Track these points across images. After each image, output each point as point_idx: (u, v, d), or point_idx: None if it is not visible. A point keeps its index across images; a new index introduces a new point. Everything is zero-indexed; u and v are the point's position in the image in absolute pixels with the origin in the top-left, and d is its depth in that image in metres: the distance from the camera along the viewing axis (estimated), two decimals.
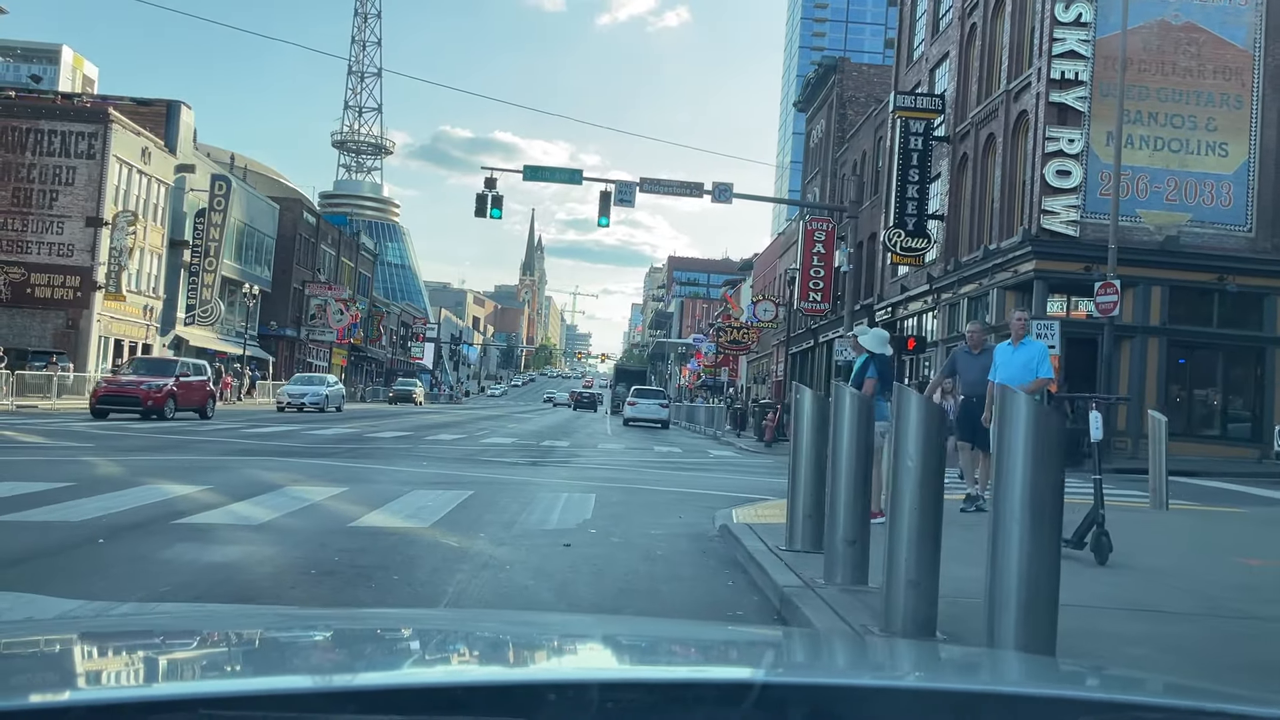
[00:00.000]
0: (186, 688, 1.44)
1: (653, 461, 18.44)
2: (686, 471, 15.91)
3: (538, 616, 3.96)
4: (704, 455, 21.57)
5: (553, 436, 27.28)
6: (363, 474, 12.84)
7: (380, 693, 1.37)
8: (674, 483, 13.62)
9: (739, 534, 8.05)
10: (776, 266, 61.11)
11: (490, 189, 29.50)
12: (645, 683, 1.46)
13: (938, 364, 30.30)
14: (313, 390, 38.71)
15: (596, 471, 15.13)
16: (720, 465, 18.20)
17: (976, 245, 28.46)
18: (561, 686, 1.38)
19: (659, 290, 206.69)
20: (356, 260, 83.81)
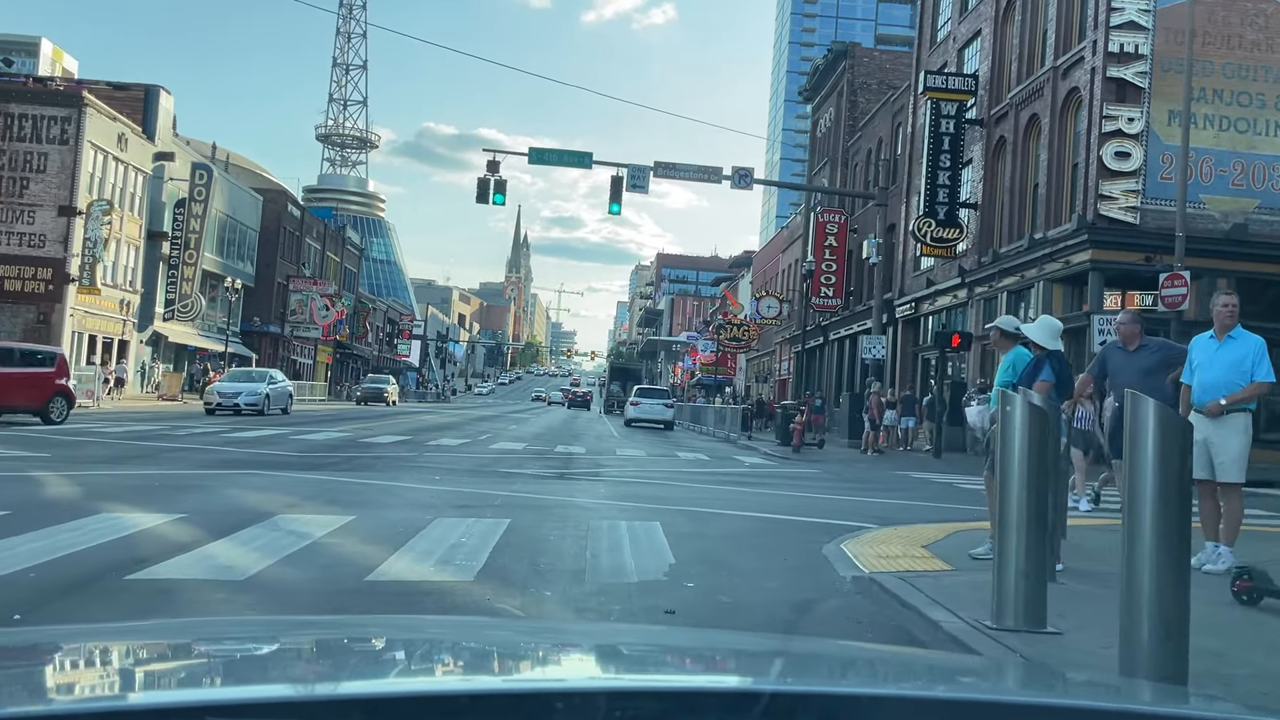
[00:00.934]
0: (195, 695, 1.45)
1: (688, 472, 16.36)
2: (736, 486, 13.83)
3: (549, 624, 3.86)
4: (737, 464, 19.49)
5: (562, 440, 25.16)
6: (368, 494, 10.71)
7: (384, 700, 1.36)
8: (735, 503, 11.55)
9: (899, 593, 5.97)
10: (779, 261, 59.10)
11: (493, 173, 27.37)
12: (654, 691, 1.47)
13: (973, 363, 28.32)
14: (249, 389, 31.06)
15: (637, 487, 13.05)
16: (765, 478, 16.13)
17: (1018, 235, 26.47)
18: (569, 695, 1.37)
19: (647, 288, 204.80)
20: (342, 255, 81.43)
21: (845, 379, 41.59)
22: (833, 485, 14.57)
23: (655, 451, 22.13)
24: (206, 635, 2.05)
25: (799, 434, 24.49)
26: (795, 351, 51.11)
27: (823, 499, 12.42)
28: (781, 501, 11.97)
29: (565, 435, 28.63)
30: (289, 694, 1.42)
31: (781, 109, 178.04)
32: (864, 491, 13.66)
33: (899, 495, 13.20)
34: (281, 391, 33.12)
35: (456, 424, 32.90)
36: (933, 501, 12.49)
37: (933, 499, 12.87)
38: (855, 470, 18.68)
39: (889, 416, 26.13)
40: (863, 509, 11.26)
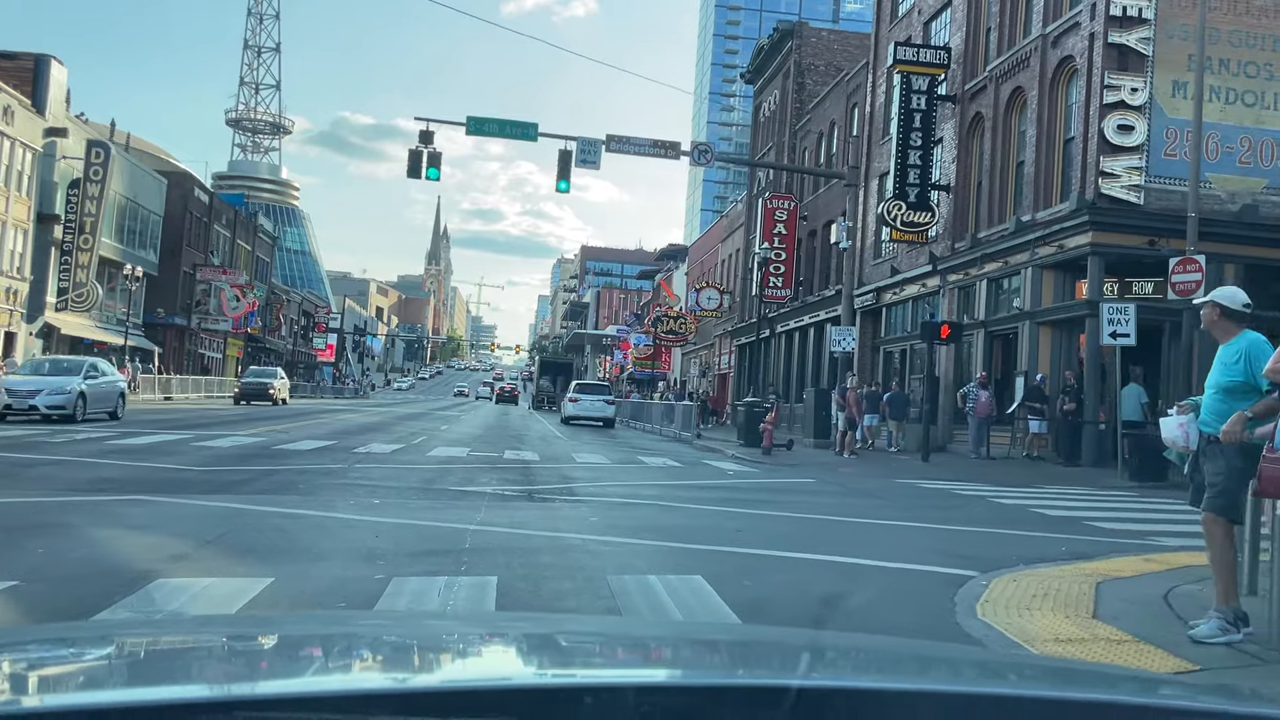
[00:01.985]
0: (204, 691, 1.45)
1: (671, 486, 13.87)
2: (744, 508, 11.34)
3: (575, 621, 3.70)
4: (715, 472, 17.06)
5: (508, 444, 22.48)
6: (291, 532, 8.03)
7: (417, 695, 1.36)
8: (768, 536, 9.10)
9: None
10: (719, 252, 56.96)
11: (426, 145, 24.51)
12: (682, 687, 1.48)
13: (945, 356, 26.32)
14: (52, 385, 22.49)
15: (628, 511, 10.55)
16: (766, 493, 13.70)
17: (999, 218, 24.52)
18: (597, 690, 1.37)
19: (571, 280, 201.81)
20: (254, 244, 77.14)
21: (796, 373, 39.52)
22: (856, 504, 12.22)
23: (615, 456, 19.61)
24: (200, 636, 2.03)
25: (769, 435, 22.17)
26: (738, 345, 48.99)
27: (867, 526, 10.05)
28: (822, 532, 9.54)
29: (507, 437, 25.93)
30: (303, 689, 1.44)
31: (706, 101, 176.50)
32: (902, 513, 11.33)
33: (949, 518, 10.89)
34: (106, 389, 24.29)
35: (383, 424, 29.95)
36: (998, 527, 10.20)
37: (993, 522, 10.59)
38: (854, 479, 16.39)
39: (842, 418, 23.88)
40: (934, 542, 8.93)
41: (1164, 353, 20.52)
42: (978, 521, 10.55)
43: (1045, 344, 22.21)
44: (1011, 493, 14.53)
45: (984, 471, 18.94)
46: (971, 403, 21.75)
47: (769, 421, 22.25)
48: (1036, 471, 19.36)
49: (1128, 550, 8.82)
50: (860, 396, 22.36)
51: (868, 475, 17.75)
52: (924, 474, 18.25)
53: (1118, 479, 18.03)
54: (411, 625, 2.50)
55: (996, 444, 23.55)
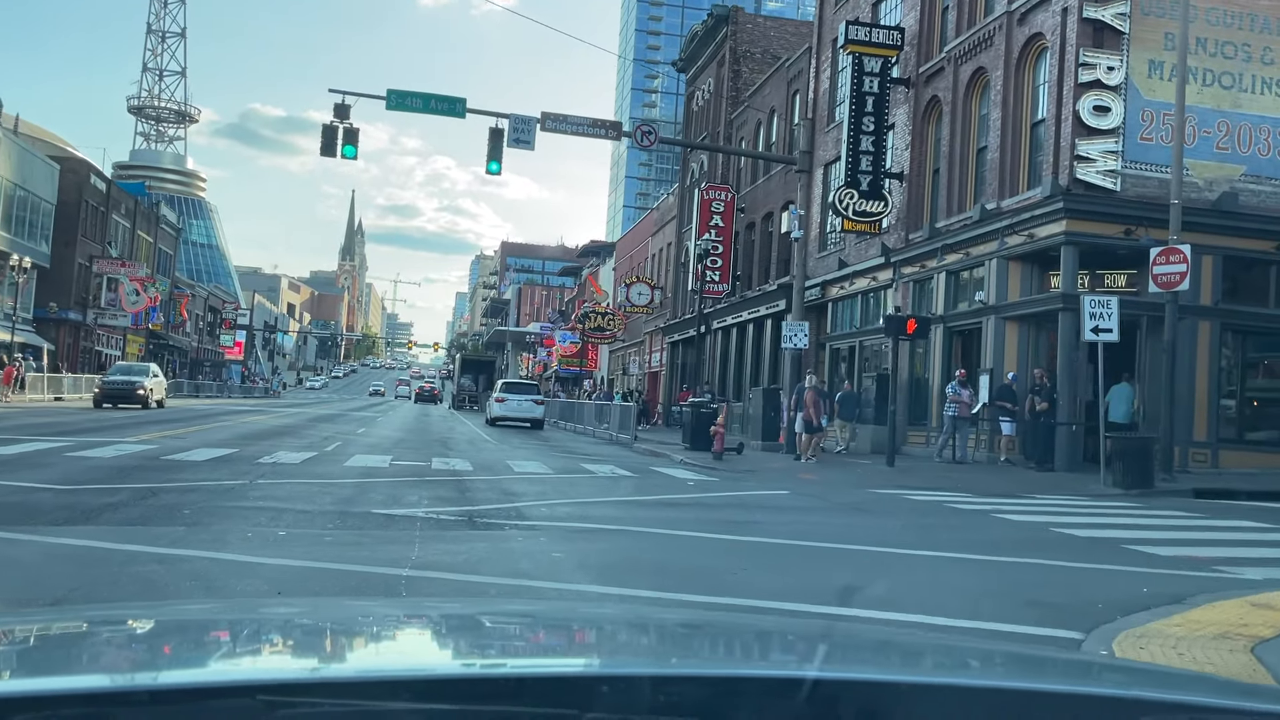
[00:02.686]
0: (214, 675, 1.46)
1: (631, 500, 12.01)
2: (735, 534, 9.43)
3: (591, 609, 3.77)
4: (673, 482, 15.21)
5: (434, 450, 20.38)
6: (160, 588, 5.96)
7: (439, 682, 1.37)
8: (773, 576, 7.27)
9: None
10: (648, 246, 55.22)
11: (342, 119, 22.24)
12: (699, 678, 1.48)
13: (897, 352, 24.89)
14: None
15: (598, 542, 8.65)
16: (739, 508, 11.89)
17: (958, 207, 23.15)
18: (613, 679, 1.40)
19: (491, 277, 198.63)
20: (156, 235, 73.18)
21: (734, 372, 37.94)
22: (854, 524, 10.49)
23: (556, 464, 17.65)
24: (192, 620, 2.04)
25: (721, 439, 20.43)
26: (670, 342, 47.31)
27: (890, 558, 8.29)
28: (842, 569, 7.73)
29: (432, 442, 23.77)
30: None
31: (629, 97, 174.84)
32: (914, 536, 9.62)
33: (972, 543, 9.18)
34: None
35: (293, 427, 27.52)
36: (1037, 555, 8.53)
37: (1026, 548, 8.92)
38: (829, 490, 14.71)
39: (800, 419, 22.22)
40: (986, 582, 7.23)
41: (1140, 351, 19.30)
42: (1008, 548, 8.87)
43: (1012, 340, 20.86)
44: (1009, 505, 12.98)
45: (959, 478, 17.43)
46: (952, 402, 20.24)
47: (720, 424, 20.50)
48: (1012, 478, 17.94)
49: (1215, 587, 7.22)
50: (819, 396, 20.75)
51: (839, 484, 16.10)
52: (897, 481, 16.66)
53: (1101, 485, 16.67)
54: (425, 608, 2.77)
55: None
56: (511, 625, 2.04)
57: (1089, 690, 1.60)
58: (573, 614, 2.68)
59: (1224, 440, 19.57)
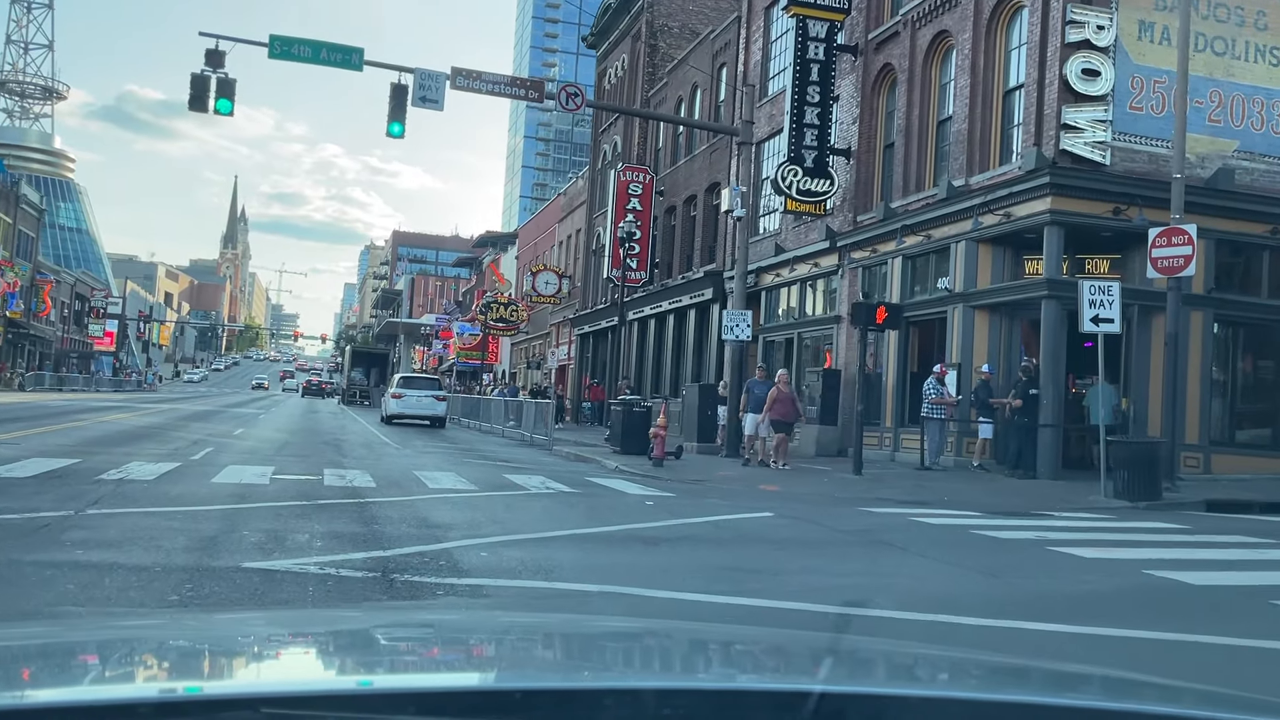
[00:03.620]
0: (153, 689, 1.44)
1: (589, 533, 9.28)
2: (745, 591, 6.75)
3: (599, 622, 3.53)
4: (631, 504, 12.48)
5: (322, 456, 17.30)
6: None
7: (440, 695, 1.36)
8: None
9: None
10: (555, 233, 52.31)
11: (214, 68, 18.88)
12: (704, 691, 1.47)
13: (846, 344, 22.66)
14: None
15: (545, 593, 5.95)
16: (733, 543, 9.24)
17: (917, 185, 20.99)
18: (617, 693, 1.39)
19: (381, 267, 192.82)
20: (15, 216, 67.21)
21: (653, 365, 35.37)
22: (897, 566, 7.98)
23: (476, 476, 14.76)
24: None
25: (661, 443, 17.80)
26: (579, 334, 44.56)
27: (987, 632, 5.72)
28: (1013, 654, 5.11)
29: (322, 445, 20.60)
30: None
31: (528, 56, 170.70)
32: (978, 584, 7.19)
33: (1051, 596, 6.80)
34: None
35: (159, 428, 23.95)
36: (1163, 622, 6.10)
37: (1133, 607, 6.51)
38: (816, 508, 12.24)
39: (750, 420, 19.66)
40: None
41: (1128, 345, 17.35)
42: (1111, 610, 6.46)
43: (982, 331, 18.76)
44: (1044, 529, 10.69)
45: (943, 488, 15.17)
46: (928, 403, 17.96)
47: (661, 427, 17.88)
48: (999, 487, 15.77)
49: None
50: (748, 390, 18.33)
51: (816, 500, 13.65)
52: (876, 494, 14.31)
53: (1102, 496, 14.62)
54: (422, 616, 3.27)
55: (911, 449, 20.01)
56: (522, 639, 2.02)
57: (1109, 706, 1.58)
58: (579, 626, 2.68)
59: (1215, 443, 17.80)
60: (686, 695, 1.41)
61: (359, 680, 1.58)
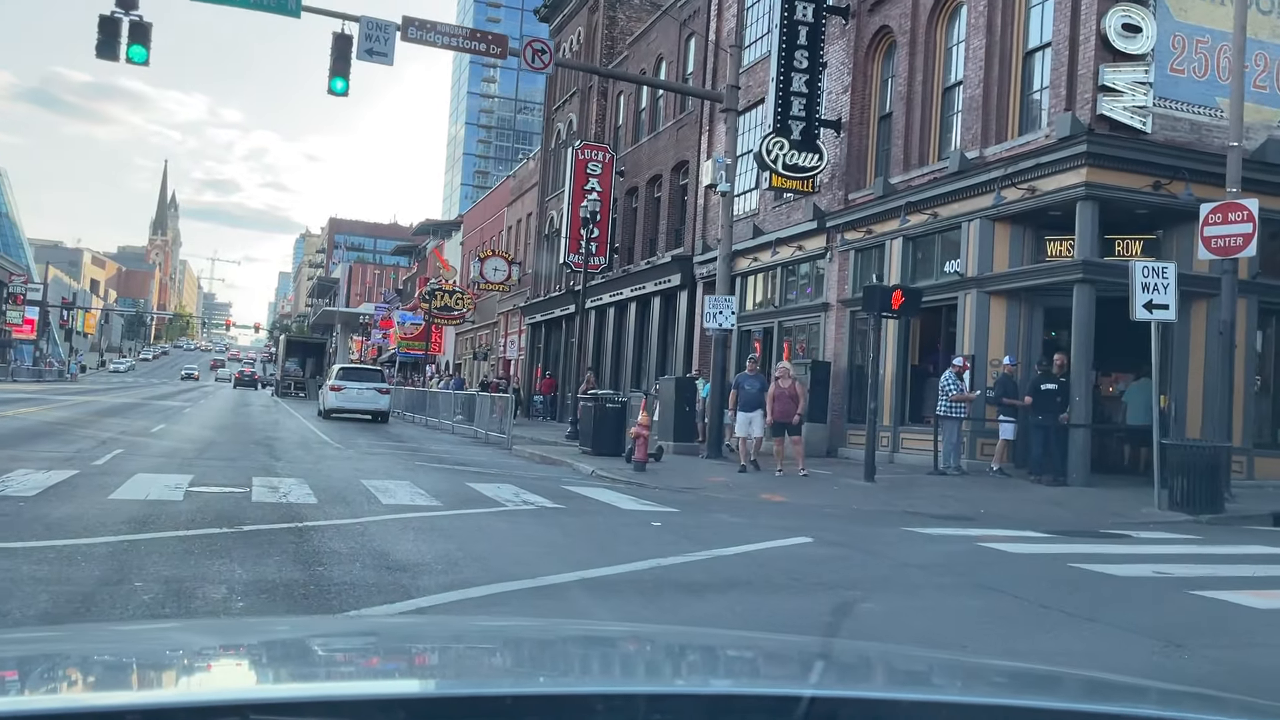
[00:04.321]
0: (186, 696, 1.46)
1: (615, 575, 7.01)
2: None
3: (589, 626, 3.61)
4: (633, 522, 10.32)
5: (252, 460, 14.85)
6: None
7: (426, 701, 1.36)
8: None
9: None
10: (504, 218, 49.81)
11: (127, 10, 16.25)
12: (694, 696, 1.47)
13: (832, 334, 20.71)
14: None
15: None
16: (796, 583, 7.16)
17: (919, 158, 19.05)
18: (608, 698, 1.39)
19: (317, 255, 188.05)
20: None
21: (612, 356, 33.13)
22: (1011, 615, 5.95)
23: (436, 486, 12.45)
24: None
25: (644, 445, 15.62)
26: (530, 323, 42.19)
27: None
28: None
29: (254, 446, 18.10)
30: None
31: (466, 71, 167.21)
32: (1120, 651, 5.14)
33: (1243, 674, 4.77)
34: None
35: (67, 424, 21.24)
36: None
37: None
38: (846, 524, 10.17)
39: (741, 420, 17.50)
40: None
41: (1171, 338, 15.52)
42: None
43: (998, 320, 16.86)
44: (1129, 558, 8.73)
45: (975, 499, 13.22)
46: (946, 400, 15.97)
47: (643, 426, 15.70)
48: (1034, 497, 13.85)
49: None
50: (737, 386, 16.20)
51: (847, 514, 11.60)
52: (905, 507, 12.33)
53: (1156, 507, 12.80)
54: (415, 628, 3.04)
55: (911, 450, 18.14)
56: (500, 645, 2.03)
57: (1098, 709, 1.58)
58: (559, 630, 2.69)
59: (1258, 445, 16.10)
60: (677, 700, 1.41)
61: (340, 687, 1.56)
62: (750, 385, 15.63)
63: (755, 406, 15.36)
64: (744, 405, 15.68)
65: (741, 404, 15.88)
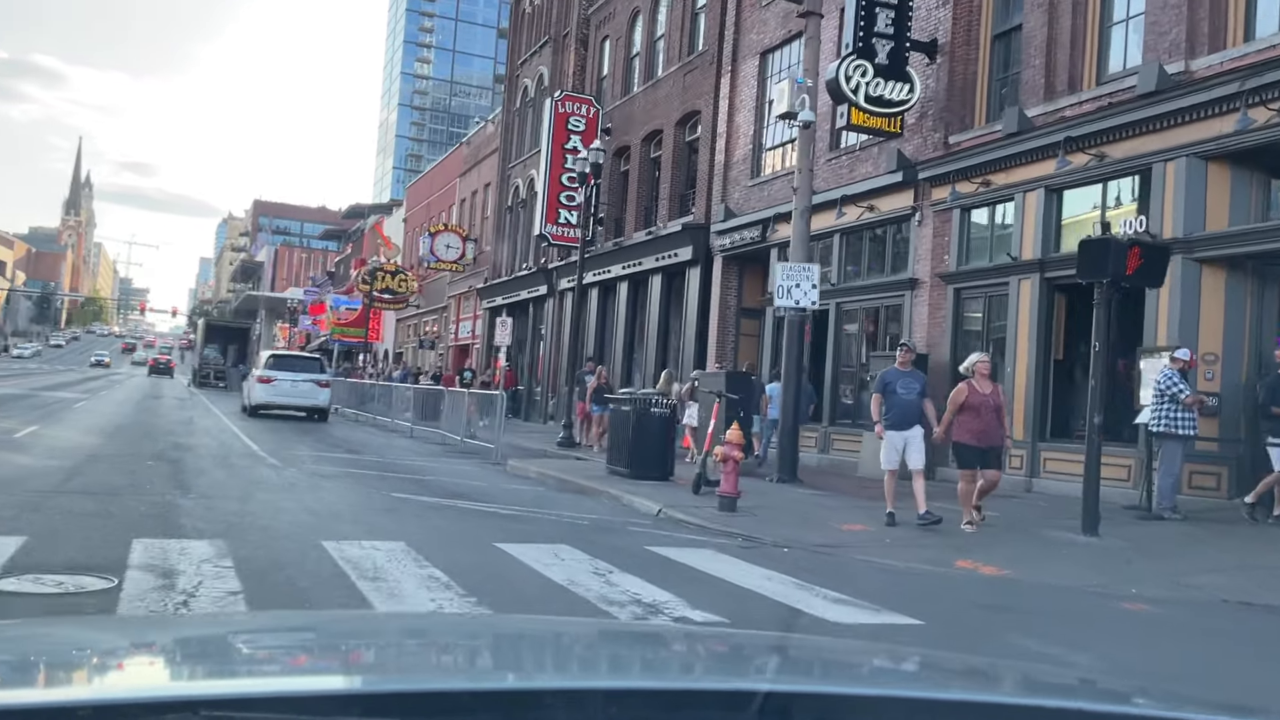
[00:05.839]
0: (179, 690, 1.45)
1: None
2: None
3: (546, 623, 3.32)
4: (813, 626, 5.24)
5: (143, 503, 9.42)
6: None
7: (383, 697, 1.34)
8: None
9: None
10: (457, 189, 44.22)
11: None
12: (650, 691, 1.46)
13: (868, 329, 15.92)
14: None
15: None
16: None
17: (1068, 83, 14.21)
18: (565, 693, 1.37)
19: (240, 238, 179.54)
20: None
21: (599, 346, 27.88)
22: None
23: (462, 560, 7.28)
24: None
25: (735, 472, 10.54)
26: (489, 307, 36.79)
27: None
28: None
29: (152, 465, 12.57)
30: None
31: (400, 51, 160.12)
32: None
33: None
34: None
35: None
36: None
37: None
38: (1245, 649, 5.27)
39: (892, 442, 12.35)
40: None
41: None
42: None
43: (1214, 296, 12.13)
44: None
45: (1271, 563, 8.44)
46: (1171, 408, 10.93)
47: (735, 442, 10.61)
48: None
49: None
50: (885, 387, 10.98)
51: (1168, 608, 6.70)
52: (1192, 580, 7.50)
53: None
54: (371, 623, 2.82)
55: (1058, 475, 13.42)
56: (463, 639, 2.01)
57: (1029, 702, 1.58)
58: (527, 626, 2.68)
59: None
60: (633, 695, 1.38)
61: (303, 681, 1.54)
62: (907, 388, 10.34)
63: (915, 421, 10.26)
64: (897, 419, 10.38)
65: (894, 417, 10.46)
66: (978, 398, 9.59)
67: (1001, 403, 9.69)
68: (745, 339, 22.34)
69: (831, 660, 1.92)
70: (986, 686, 1.73)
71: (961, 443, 9.75)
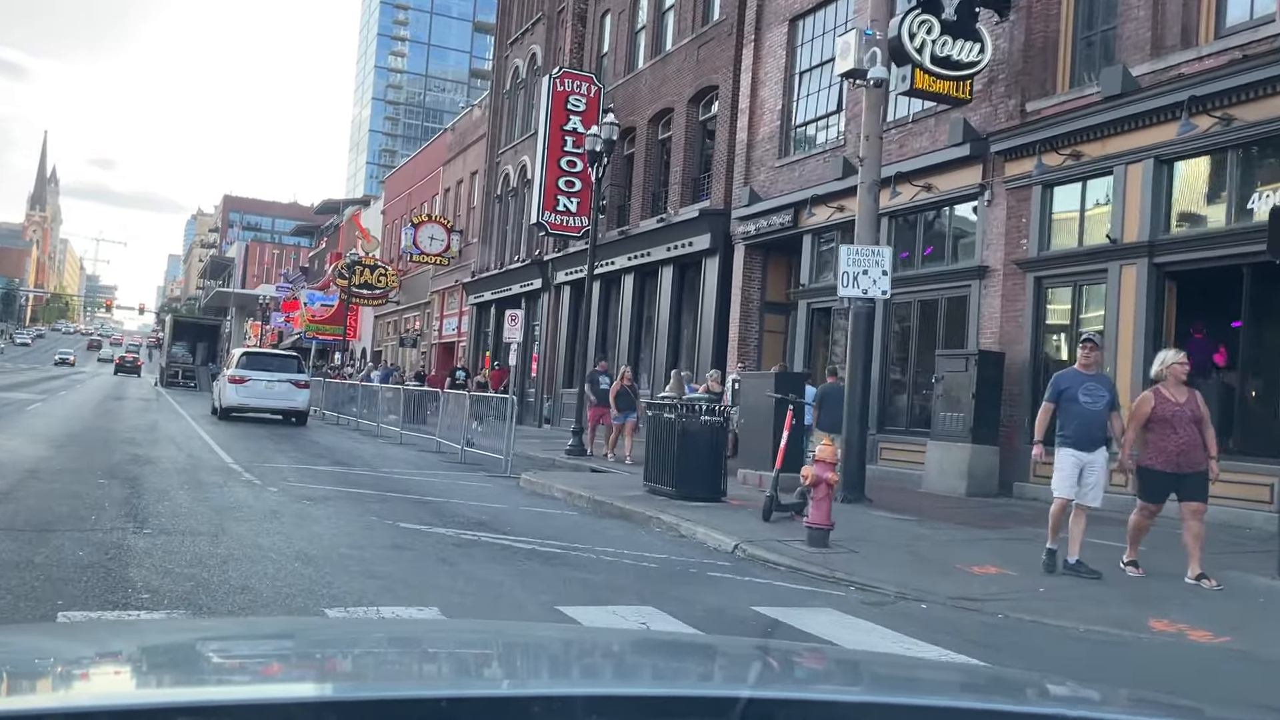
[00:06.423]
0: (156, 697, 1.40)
1: None
2: None
3: (528, 630, 3.31)
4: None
5: (84, 541, 7.26)
6: None
7: (361, 705, 1.31)
8: None
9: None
10: (440, 178, 41.91)
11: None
12: (632, 698, 1.43)
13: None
14: None
15: None
16: None
17: (1181, 38, 12.23)
18: (548, 700, 1.35)
19: (210, 235, 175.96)
20: None
21: (600, 345, 25.71)
22: None
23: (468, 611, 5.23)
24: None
25: (829, 498, 8.49)
26: (476, 303, 34.58)
27: None
28: None
29: (102, 486, 10.29)
30: None
31: (374, 45, 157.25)
32: None
33: None
34: None
35: None
36: None
37: None
38: None
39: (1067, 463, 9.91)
40: None
41: None
42: None
43: None
44: None
45: None
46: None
47: (828, 459, 8.55)
48: None
49: None
50: (1059, 395, 8.27)
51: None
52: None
53: None
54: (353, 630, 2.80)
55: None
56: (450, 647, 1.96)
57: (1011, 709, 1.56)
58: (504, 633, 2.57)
59: None
60: (615, 702, 1.36)
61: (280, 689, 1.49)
62: (1092, 395, 7.96)
63: (1102, 440, 7.93)
64: (1079, 435, 7.94)
65: (1075, 432, 7.99)
66: (1170, 408, 7.45)
67: (1204, 414, 7.52)
68: (770, 335, 20.31)
69: (812, 667, 1.91)
70: (971, 694, 1.70)
71: (1150, 467, 7.58)
